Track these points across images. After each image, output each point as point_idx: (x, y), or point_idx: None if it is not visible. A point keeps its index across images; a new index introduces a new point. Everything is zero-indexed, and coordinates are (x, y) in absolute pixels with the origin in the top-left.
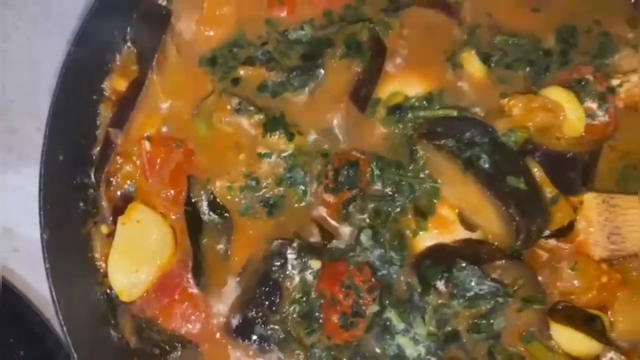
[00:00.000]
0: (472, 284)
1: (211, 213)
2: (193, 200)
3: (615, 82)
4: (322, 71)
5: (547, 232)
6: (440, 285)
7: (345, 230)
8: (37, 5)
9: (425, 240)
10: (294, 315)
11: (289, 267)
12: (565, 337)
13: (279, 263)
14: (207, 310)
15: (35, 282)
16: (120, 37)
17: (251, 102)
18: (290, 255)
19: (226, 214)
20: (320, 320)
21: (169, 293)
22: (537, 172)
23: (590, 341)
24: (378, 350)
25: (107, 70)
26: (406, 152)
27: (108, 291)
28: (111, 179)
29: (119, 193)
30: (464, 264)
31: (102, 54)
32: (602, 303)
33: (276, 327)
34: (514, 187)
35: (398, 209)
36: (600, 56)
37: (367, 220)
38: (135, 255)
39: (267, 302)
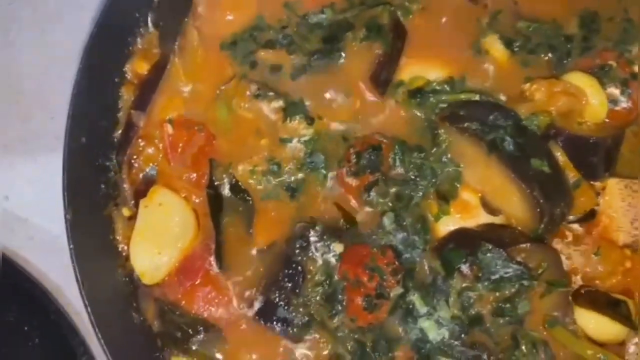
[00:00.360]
0: (497, 267)
1: (233, 196)
2: (215, 183)
3: (638, 68)
4: (342, 54)
5: (570, 218)
6: (465, 268)
7: (367, 212)
8: None
9: (447, 224)
10: (317, 298)
11: (312, 250)
12: (590, 321)
13: (301, 245)
14: (229, 293)
15: (50, 270)
16: (142, 19)
17: (271, 88)
18: (313, 238)
19: (248, 198)
20: (344, 303)
21: (191, 276)
22: (560, 156)
23: (615, 325)
24: (402, 334)
25: (129, 53)
26: (428, 136)
27: (130, 274)
28: (133, 162)
29: (141, 176)
30: (489, 247)
31: (123, 36)
32: (627, 287)
33: (300, 309)
34: (537, 169)
35: (420, 193)
36: (623, 42)
37: (390, 204)
38: (158, 238)
39: (290, 285)
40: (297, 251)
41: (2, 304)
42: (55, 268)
